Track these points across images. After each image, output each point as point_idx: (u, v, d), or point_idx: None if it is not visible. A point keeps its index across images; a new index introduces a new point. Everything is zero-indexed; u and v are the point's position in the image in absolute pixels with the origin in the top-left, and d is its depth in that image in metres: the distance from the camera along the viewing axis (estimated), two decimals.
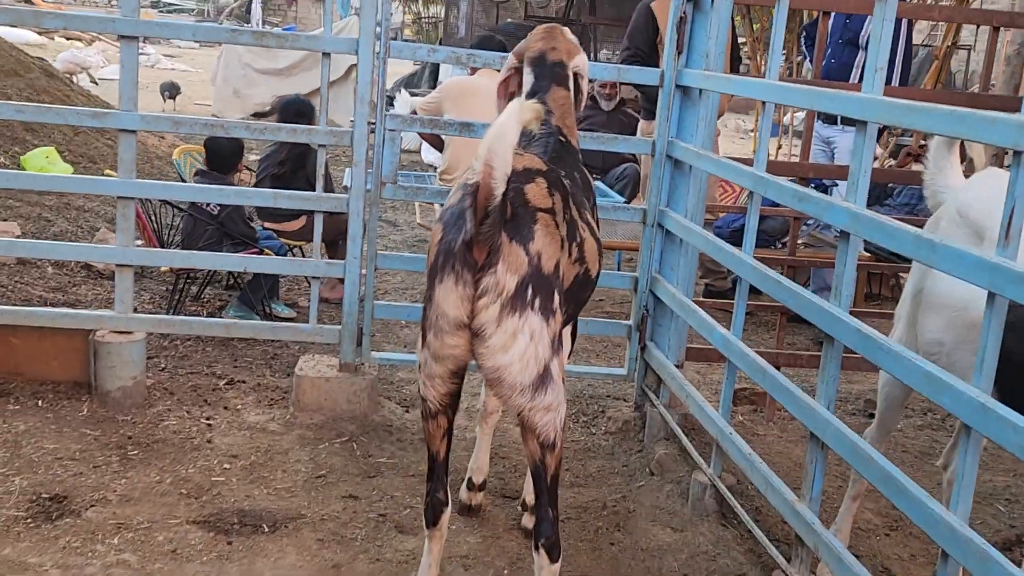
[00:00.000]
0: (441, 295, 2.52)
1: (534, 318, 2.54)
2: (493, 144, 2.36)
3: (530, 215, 2.61)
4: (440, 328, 2.53)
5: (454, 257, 2.50)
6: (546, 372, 2.59)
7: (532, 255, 2.55)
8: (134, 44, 3.95)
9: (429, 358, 2.62)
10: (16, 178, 4.27)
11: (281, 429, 4.18)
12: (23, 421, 4.02)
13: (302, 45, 4.05)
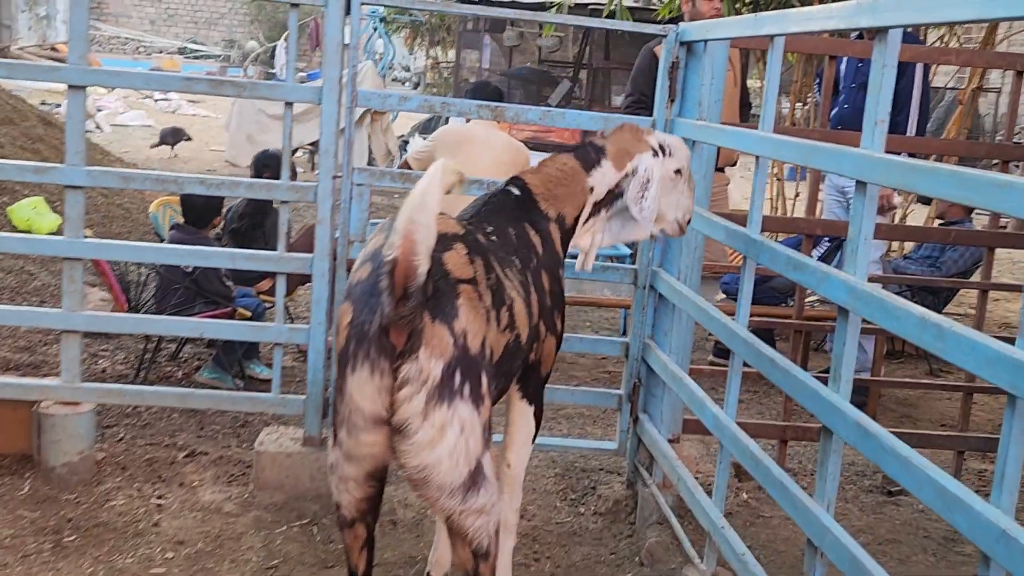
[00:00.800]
0: (355, 387, 2.22)
1: (464, 408, 2.24)
2: (415, 214, 2.06)
3: (452, 289, 2.30)
4: (354, 424, 2.24)
5: (368, 343, 2.20)
6: (478, 469, 2.28)
7: (457, 335, 2.25)
8: (81, 94, 3.66)
9: (341, 459, 2.33)
10: None
11: (237, 510, 3.83)
12: None
13: (263, 94, 3.76)
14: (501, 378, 2.63)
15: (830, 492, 2.50)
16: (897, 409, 5.88)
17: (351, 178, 3.81)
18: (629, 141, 3.18)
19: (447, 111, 3.94)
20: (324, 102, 3.73)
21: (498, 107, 3.86)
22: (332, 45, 3.69)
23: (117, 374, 5.28)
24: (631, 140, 3.17)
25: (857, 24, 2.42)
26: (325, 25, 3.70)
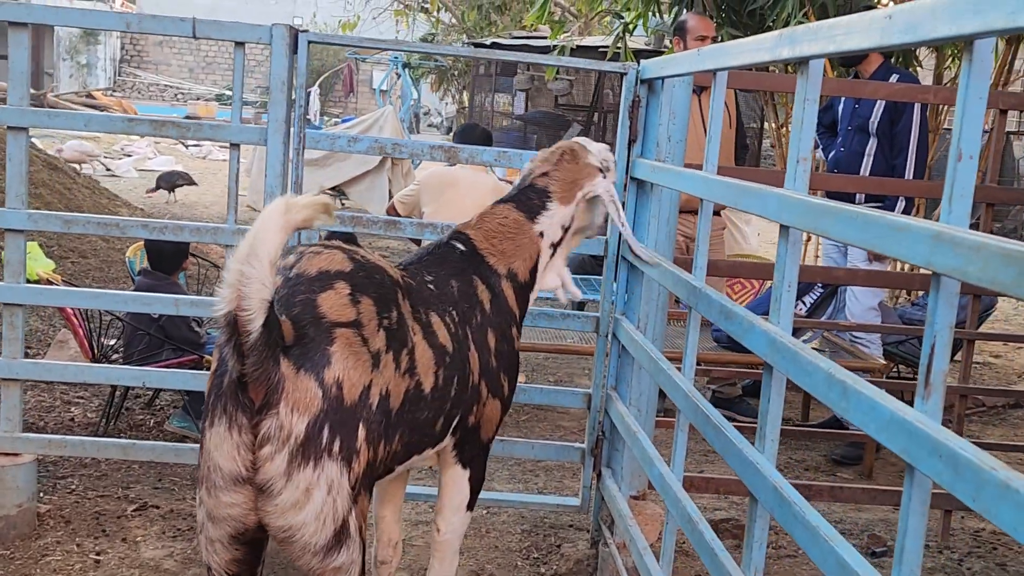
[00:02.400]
0: (212, 443, 2.06)
1: (332, 467, 2.08)
2: (243, 264, 1.88)
3: (325, 334, 2.12)
4: (213, 483, 2.08)
5: (225, 396, 2.04)
6: (343, 529, 2.12)
7: (328, 386, 2.09)
8: (22, 136, 3.57)
9: (205, 519, 2.15)
10: None
11: (176, 567, 3.66)
12: None
13: (207, 135, 3.65)
14: (406, 428, 2.43)
15: (756, 560, 2.29)
16: (899, 463, 5.61)
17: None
18: (573, 171, 3.06)
19: (398, 152, 3.80)
20: (269, 143, 3.60)
21: (451, 148, 3.72)
22: (277, 84, 3.57)
23: (87, 422, 5.16)
24: (575, 169, 3.06)
25: (779, 56, 2.25)
26: (271, 63, 3.59)
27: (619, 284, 3.75)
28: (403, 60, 17.41)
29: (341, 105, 35.39)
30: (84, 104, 24.68)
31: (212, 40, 23.86)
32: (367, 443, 2.17)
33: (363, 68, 32.90)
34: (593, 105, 11.73)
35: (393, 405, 2.30)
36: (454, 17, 17.73)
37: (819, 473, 5.30)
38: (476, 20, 16.37)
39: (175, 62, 35.84)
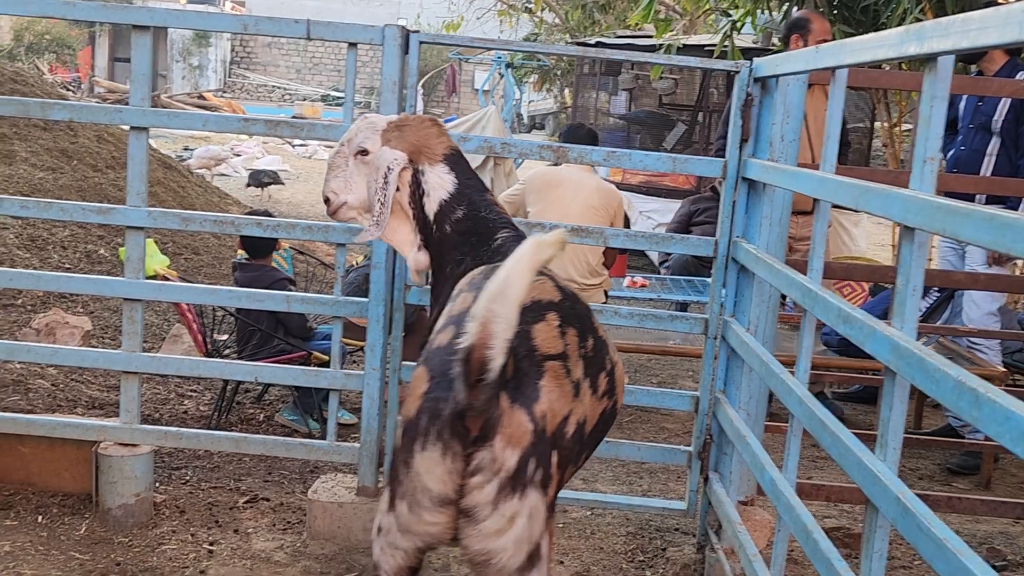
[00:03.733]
0: (423, 466, 2.08)
1: (534, 495, 2.11)
2: (494, 304, 1.91)
3: (536, 368, 2.15)
4: (417, 502, 2.10)
5: (441, 423, 2.06)
6: (536, 551, 2.14)
7: (537, 420, 2.10)
8: (143, 135, 3.68)
9: (395, 528, 2.17)
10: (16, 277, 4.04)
11: (287, 560, 3.73)
12: (11, 540, 3.71)
13: (319, 135, 3.70)
14: (590, 448, 2.46)
15: (876, 571, 2.22)
16: (1020, 474, 5.41)
17: None
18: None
19: (507, 151, 3.80)
20: None
21: (560, 148, 3.70)
22: (388, 84, 3.61)
23: (200, 415, 5.29)
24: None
25: (905, 52, 2.18)
26: (383, 64, 3.62)
27: (728, 286, 3.69)
28: (506, 60, 17.45)
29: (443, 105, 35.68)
30: (195, 105, 25.36)
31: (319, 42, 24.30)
32: (558, 468, 2.18)
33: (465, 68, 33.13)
34: (698, 104, 11.59)
35: (587, 430, 2.31)
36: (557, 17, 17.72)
37: (933, 482, 5.14)
38: (579, 19, 16.33)
39: (283, 63, 36.59)
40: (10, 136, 8.17)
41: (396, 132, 2.87)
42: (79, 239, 7.44)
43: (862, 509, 4.01)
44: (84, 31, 31.49)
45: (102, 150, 8.82)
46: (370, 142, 2.90)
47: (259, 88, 35.85)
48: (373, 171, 2.85)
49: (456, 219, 2.79)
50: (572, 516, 4.30)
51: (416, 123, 2.92)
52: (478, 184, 2.89)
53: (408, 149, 2.84)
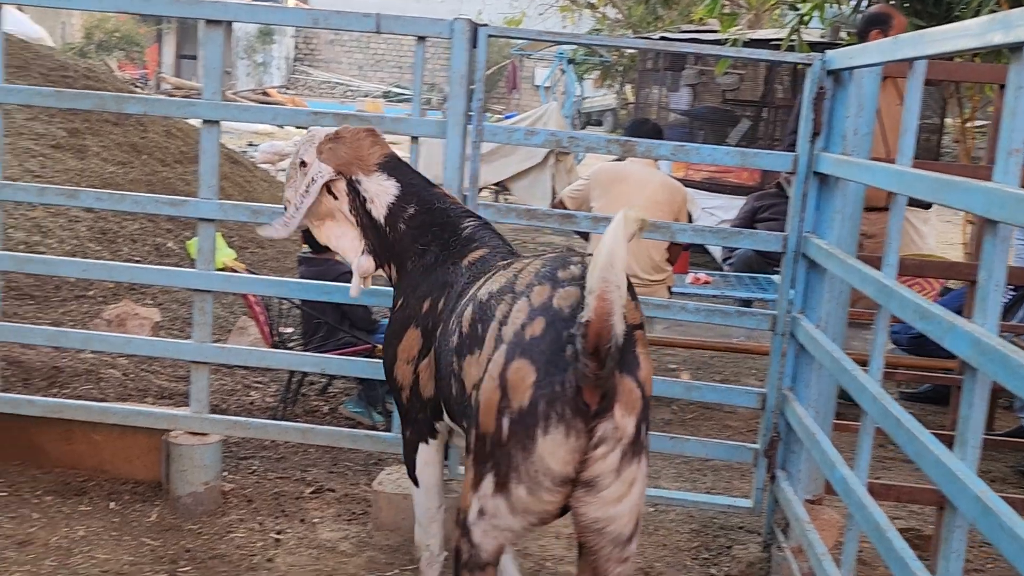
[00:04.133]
0: (547, 450, 2.17)
1: (645, 460, 2.29)
2: (606, 273, 2.02)
3: (631, 337, 2.23)
4: (538, 483, 2.20)
5: (562, 404, 2.15)
6: (640, 518, 2.34)
7: (643, 385, 2.24)
8: (215, 129, 3.73)
9: (506, 511, 2.27)
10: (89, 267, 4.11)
11: (352, 550, 3.76)
12: (86, 525, 3.79)
13: (388, 128, 3.72)
14: None
15: (953, 572, 2.18)
16: None
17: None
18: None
19: (574, 145, 3.78)
20: (448, 136, 3.65)
21: (627, 142, 3.69)
22: (456, 78, 3.62)
23: (265, 406, 5.36)
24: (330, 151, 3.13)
25: (990, 41, 2.13)
26: (451, 57, 3.63)
27: (798, 282, 3.65)
28: (568, 56, 17.43)
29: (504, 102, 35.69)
30: (259, 101, 25.67)
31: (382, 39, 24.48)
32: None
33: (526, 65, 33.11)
34: (763, 100, 11.46)
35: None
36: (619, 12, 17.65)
37: (1006, 485, 5.03)
38: (642, 15, 16.25)
39: (345, 60, 36.88)
40: (83, 131, 8.33)
41: (329, 146, 3.07)
42: (148, 232, 7.56)
43: (932, 511, 3.94)
44: (152, 28, 32.01)
45: (171, 145, 8.96)
46: (308, 155, 3.09)
47: (321, 85, 36.16)
48: (302, 179, 3.08)
49: (409, 216, 3.01)
50: None
51: (350, 136, 3.10)
52: (423, 181, 3.12)
53: (338, 163, 3.05)
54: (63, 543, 3.65)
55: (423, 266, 2.97)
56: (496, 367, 2.27)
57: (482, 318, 2.45)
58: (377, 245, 3.09)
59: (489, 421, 2.26)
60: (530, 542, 3.91)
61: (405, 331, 2.94)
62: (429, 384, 2.86)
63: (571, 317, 2.19)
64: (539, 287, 2.33)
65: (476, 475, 2.31)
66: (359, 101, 31.52)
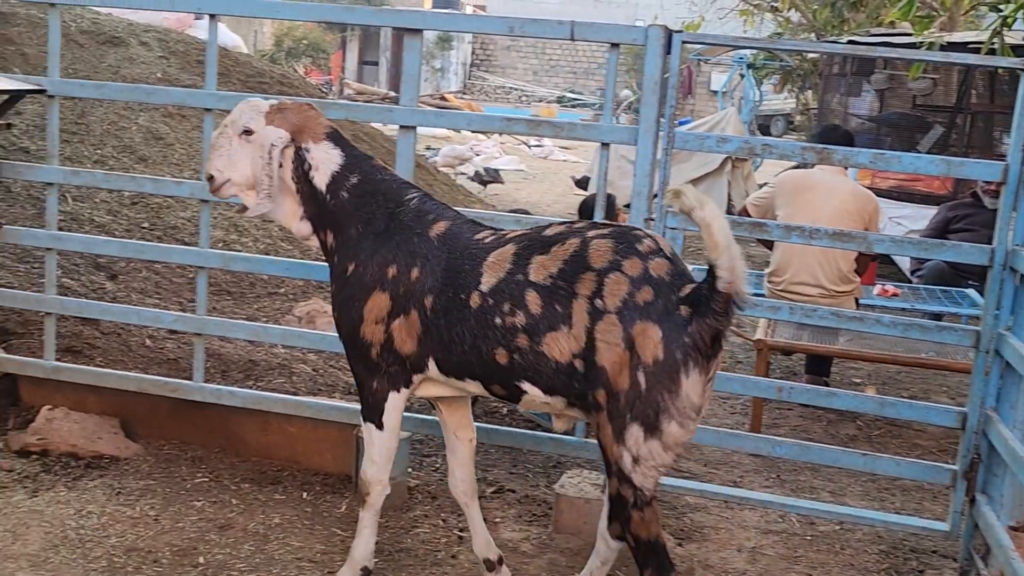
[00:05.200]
0: (691, 387, 2.67)
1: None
2: (733, 251, 2.54)
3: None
4: (687, 417, 2.70)
5: (695, 351, 2.66)
6: None
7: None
8: (411, 134, 3.84)
9: (660, 450, 2.72)
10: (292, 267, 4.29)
11: (533, 551, 3.80)
12: (281, 513, 3.96)
13: (579, 135, 3.75)
14: None
15: None
16: None
17: (664, 222, 3.69)
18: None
19: (767, 153, 3.72)
20: (639, 142, 3.65)
21: (824, 149, 3.60)
22: (649, 84, 3.61)
23: None
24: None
25: None
26: (645, 63, 3.63)
27: (1005, 296, 3.48)
28: (748, 60, 17.15)
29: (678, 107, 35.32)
30: (436, 106, 26.25)
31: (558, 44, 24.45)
32: None
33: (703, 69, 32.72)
34: (957, 105, 10.96)
35: None
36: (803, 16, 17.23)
37: None
38: (827, 18, 15.80)
39: (520, 65, 37.36)
40: None
41: (279, 114, 3.17)
42: None
43: None
44: (337, 36, 33.18)
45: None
46: (255, 123, 3.15)
47: (496, 90, 36.73)
48: (258, 149, 3.13)
49: (352, 185, 3.16)
50: (820, 529, 4.17)
51: (295, 107, 3.23)
52: (364, 155, 3.26)
53: (291, 128, 3.15)
54: (260, 529, 3.82)
55: (374, 232, 3.13)
56: (616, 332, 2.69)
57: (556, 298, 2.79)
58: (315, 212, 3.22)
59: (623, 379, 2.69)
60: (711, 553, 3.86)
61: (370, 294, 3.10)
62: (408, 341, 3.07)
63: (671, 283, 2.70)
64: (629, 261, 2.73)
65: (616, 429, 2.73)
66: (534, 106, 31.87)
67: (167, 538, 3.69)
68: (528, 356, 2.84)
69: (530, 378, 2.88)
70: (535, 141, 23.54)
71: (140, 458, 4.31)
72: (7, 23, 8.41)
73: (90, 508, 3.85)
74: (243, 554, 3.62)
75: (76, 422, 4.34)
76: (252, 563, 3.57)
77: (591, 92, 35.13)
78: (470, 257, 3.00)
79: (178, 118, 8.40)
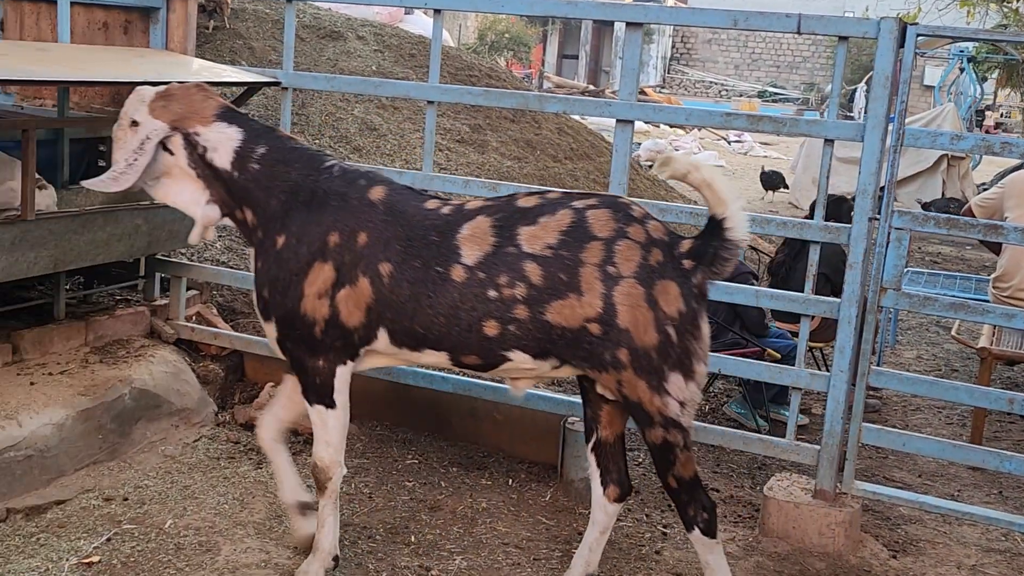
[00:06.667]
0: (705, 329, 2.96)
1: None
2: (738, 200, 2.91)
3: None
4: (706, 354, 2.97)
5: (702, 298, 2.95)
6: None
7: None
8: (628, 128, 3.84)
9: (696, 389, 2.95)
10: None
11: (740, 553, 3.74)
12: (487, 499, 4.04)
13: (803, 130, 3.65)
14: None
15: None
16: None
17: (890, 221, 3.56)
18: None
19: (1007, 152, 3.53)
20: (866, 139, 3.53)
21: None
22: (880, 79, 3.48)
23: None
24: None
25: None
26: (876, 58, 3.50)
27: None
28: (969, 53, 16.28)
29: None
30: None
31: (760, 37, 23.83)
32: None
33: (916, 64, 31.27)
34: None
35: None
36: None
37: None
38: None
39: (721, 59, 36.70)
40: (484, 127, 8.88)
41: (161, 103, 3.09)
42: None
43: None
44: (538, 29, 33.50)
45: (562, 142, 9.34)
46: (139, 114, 3.08)
47: (696, 84, 36.23)
48: (133, 138, 3.06)
49: (260, 155, 3.10)
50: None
51: (181, 92, 3.14)
52: (266, 127, 3.21)
53: (172, 118, 3.07)
54: (468, 512, 3.92)
55: (300, 201, 3.06)
56: (637, 295, 2.86)
57: (559, 267, 2.89)
58: (225, 193, 3.14)
59: (650, 336, 2.87)
60: (928, 568, 3.70)
61: (310, 266, 3.01)
62: (356, 313, 3.01)
63: (671, 242, 2.94)
64: (632, 228, 2.93)
65: (653, 381, 2.89)
66: (733, 100, 31.27)
67: (380, 515, 3.83)
68: (526, 326, 2.93)
69: (522, 346, 2.97)
70: (734, 136, 23.10)
71: (354, 437, 4.49)
72: (237, 19, 8.89)
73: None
74: (452, 535, 3.72)
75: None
76: (461, 545, 3.66)
77: (794, 86, 34.15)
78: (433, 228, 3.01)
79: (391, 110, 8.68)
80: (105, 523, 3.57)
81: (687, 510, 3.05)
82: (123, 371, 4.20)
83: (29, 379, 3.95)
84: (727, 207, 2.86)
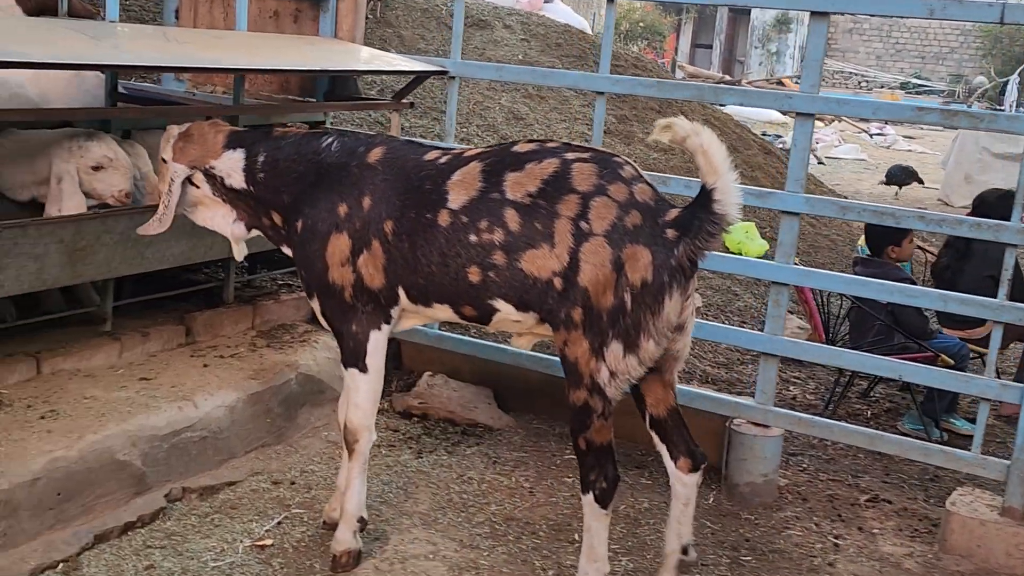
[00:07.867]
0: (671, 308, 2.84)
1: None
2: (731, 172, 2.79)
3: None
4: (663, 335, 2.86)
5: (679, 273, 2.82)
6: None
7: None
8: (809, 122, 3.69)
9: (636, 365, 2.88)
10: None
11: (918, 569, 3.57)
12: (649, 498, 3.96)
13: (1002, 126, 3.44)
14: None
15: None
16: None
17: None
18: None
19: None
20: None
21: None
22: None
23: (806, 403, 5.28)
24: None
25: None
26: None
27: None
28: None
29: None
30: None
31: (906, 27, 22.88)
32: None
33: None
34: None
35: None
36: None
37: None
38: None
39: (862, 49, 35.53)
40: (630, 118, 8.76)
41: (180, 144, 3.30)
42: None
43: None
44: (673, 18, 33.08)
45: None
46: (166, 154, 3.32)
47: (834, 75, 35.20)
48: (165, 176, 3.33)
49: (262, 163, 3.26)
50: None
51: (197, 133, 3.32)
52: (259, 134, 3.34)
53: (190, 160, 3.29)
54: (630, 512, 3.84)
55: (307, 186, 3.19)
56: (604, 255, 2.80)
57: (536, 216, 2.87)
58: (249, 208, 3.34)
59: (606, 298, 2.81)
60: None
61: (328, 240, 3.13)
62: (377, 275, 3.10)
63: (656, 208, 2.85)
64: (614, 186, 2.86)
65: (594, 344, 2.85)
66: (875, 92, 30.25)
67: (542, 511, 3.78)
68: (504, 272, 2.93)
69: (504, 295, 2.97)
70: (876, 129, 22.37)
71: (512, 430, 4.46)
72: (387, 8, 8.97)
73: (470, 474, 4.02)
74: (615, 535, 3.64)
75: (454, 390, 4.56)
76: (625, 546, 3.59)
77: (940, 78, 32.86)
78: (428, 177, 3.06)
79: (537, 99, 8.64)
80: (275, 506, 3.62)
81: (589, 474, 3.02)
82: (289, 356, 4.26)
83: (202, 361, 4.04)
84: (719, 177, 2.76)
